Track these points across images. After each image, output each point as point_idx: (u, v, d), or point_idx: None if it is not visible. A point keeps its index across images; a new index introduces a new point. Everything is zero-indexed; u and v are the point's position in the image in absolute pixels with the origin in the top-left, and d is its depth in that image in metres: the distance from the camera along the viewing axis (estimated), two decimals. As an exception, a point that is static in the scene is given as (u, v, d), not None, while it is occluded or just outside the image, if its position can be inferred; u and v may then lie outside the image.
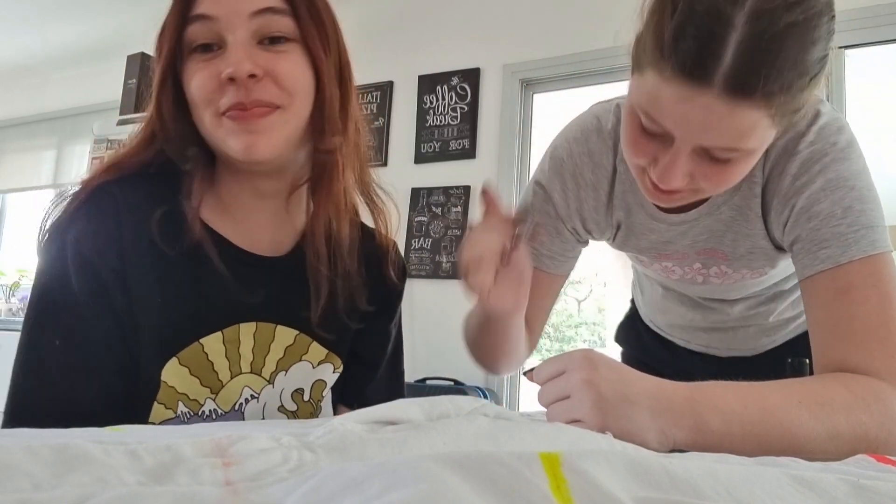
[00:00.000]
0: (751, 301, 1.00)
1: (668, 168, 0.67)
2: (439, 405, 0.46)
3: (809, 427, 0.60)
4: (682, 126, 0.63)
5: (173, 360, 0.70)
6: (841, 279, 0.70)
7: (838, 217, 0.71)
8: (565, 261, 0.96)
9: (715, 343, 1.09)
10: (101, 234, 0.67)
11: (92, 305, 0.66)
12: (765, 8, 0.57)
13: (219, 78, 0.67)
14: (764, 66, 0.58)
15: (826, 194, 0.71)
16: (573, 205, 0.91)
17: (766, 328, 1.04)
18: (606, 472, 0.29)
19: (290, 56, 0.70)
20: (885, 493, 0.34)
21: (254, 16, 0.68)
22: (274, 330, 0.77)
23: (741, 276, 0.88)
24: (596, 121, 0.88)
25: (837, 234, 0.70)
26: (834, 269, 0.70)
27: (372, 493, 0.25)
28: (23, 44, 4.26)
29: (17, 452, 0.29)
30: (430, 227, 3.18)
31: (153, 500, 0.27)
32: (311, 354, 0.80)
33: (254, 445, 0.35)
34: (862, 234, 0.70)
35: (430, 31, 3.37)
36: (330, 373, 0.82)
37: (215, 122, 0.68)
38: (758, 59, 0.58)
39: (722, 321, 1.05)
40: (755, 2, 0.57)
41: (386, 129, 3.38)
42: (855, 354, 0.68)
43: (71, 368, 0.65)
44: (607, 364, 0.60)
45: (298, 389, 0.79)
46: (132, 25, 3.75)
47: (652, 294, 1.13)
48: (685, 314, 1.08)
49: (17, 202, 4.88)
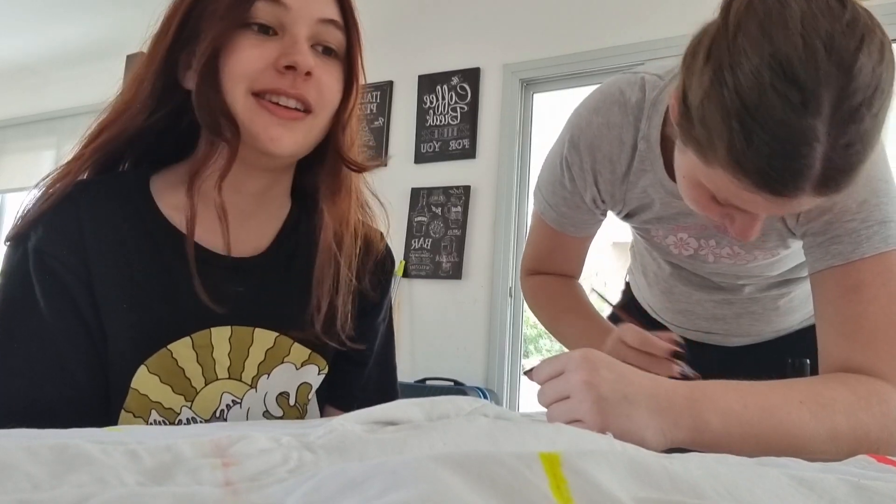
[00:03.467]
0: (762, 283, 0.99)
1: (746, 229, 0.67)
2: (439, 405, 0.46)
3: (810, 427, 0.60)
4: (767, 212, 0.64)
5: (142, 368, 0.69)
6: (851, 276, 0.69)
7: (853, 212, 0.69)
8: (589, 227, 1.01)
9: (716, 329, 1.07)
10: (63, 240, 0.67)
11: (56, 310, 0.66)
12: (845, 111, 0.56)
13: (269, 59, 0.67)
14: (854, 166, 0.58)
15: None
16: (589, 178, 0.90)
17: (770, 315, 1.03)
18: (606, 473, 0.29)
19: (332, 69, 0.72)
20: (886, 494, 0.34)
21: (320, 22, 0.70)
22: (252, 333, 0.75)
23: (753, 257, 0.88)
24: (619, 93, 0.86)
25: (850, 231, 0.69)
26: (845, 265, 0.69)
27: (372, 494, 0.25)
28: (23, 44, 4.27)
29: (17, 452, 0.29)
30: (430, 227, 3.18)
31: (152, 501, 0.27)
32: (293, 356, 0.78)
33: (254, 446, 0.35)
34: (875, 231, 0.69)
35: (430, 31, 3.37)
36: (315, 375, 0.81)
37: (245, 99, 0.68)
38: (847, 161, 0.57)
39: (728, 301, 1.03)
40: (834, 107, 0.56)
41: (386, 129, 3.38)
42: (860, 354, 0.67)
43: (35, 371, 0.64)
44: (607, 364, 0.60)
45: (283, 393, 0.78)
46: (132, 25, 3.74)
47: (657, 274, 1.11)
48: (691, 294, 1.06)
49: (16, 202, 4.88)
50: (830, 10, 0.58)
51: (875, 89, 0.56)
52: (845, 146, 0.57)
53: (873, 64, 0.56)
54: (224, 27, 0.67)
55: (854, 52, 0.56)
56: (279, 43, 0.68)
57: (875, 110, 0.57)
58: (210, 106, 0.68)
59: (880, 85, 0.57)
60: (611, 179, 0.89)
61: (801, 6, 0.59)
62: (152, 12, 0.73)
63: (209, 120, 0.69)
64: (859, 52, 0.56)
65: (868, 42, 0.57)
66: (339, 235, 0.79)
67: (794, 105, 0.56)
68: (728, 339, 1.08)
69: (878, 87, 0.57)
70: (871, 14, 0.59)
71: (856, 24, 0.57)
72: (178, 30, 0.70)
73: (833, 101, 0.56)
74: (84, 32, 4.11)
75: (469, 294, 3.01)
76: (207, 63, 0.67)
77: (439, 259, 3.15)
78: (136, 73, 0.73)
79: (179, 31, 0.70)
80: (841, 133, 0.56)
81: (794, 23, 0.58)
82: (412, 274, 3.19)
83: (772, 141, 0.57)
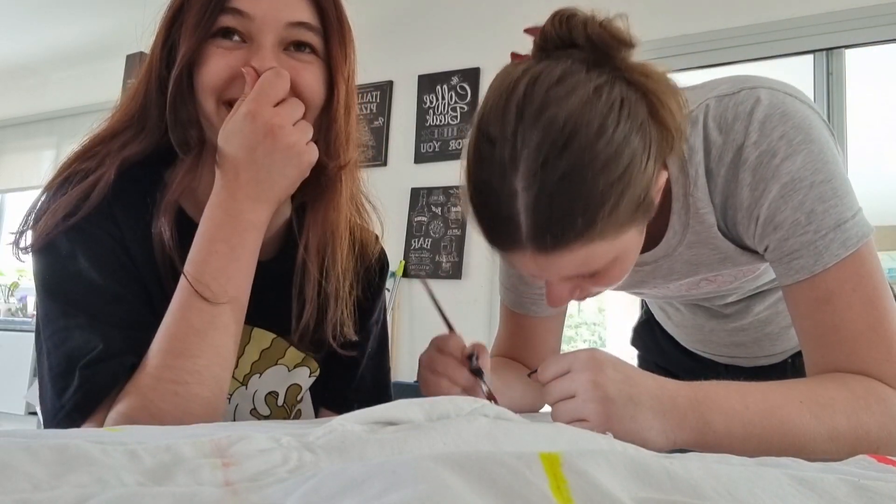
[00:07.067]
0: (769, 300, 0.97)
1: (549, 295, 0.69)
2: (439, 405, 0.46)
3: (811, 427, 0.60)
4: (536, 275, 0.66)
5: None
6: (819, 288, 0.67)
7: (803, 225, 0.67)
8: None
9: (739, 353, 1.05)
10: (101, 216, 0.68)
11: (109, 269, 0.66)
12: (536, 164, 0.58)
13: (235, 69, 0.67)
14: (557, 220, 0.59)
15: (785, 201, 0.67)
16: None
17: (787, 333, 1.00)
18: (606, 473, 0.29)
19: (311, 68, 0.71)
20: (886, 494, 0.34)
21: (288, 26, 0.69)
22: (250, 332, 0.76)
23: (733, 276, 0.86)
24: None
25: (806, 243, 0.67)
26: (811, 279, 0.67)
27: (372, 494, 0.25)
28: (22, 44, 4.26)
29: (17, 452, 0.29)
30: (430, 227, 3.18)
31: (152, 501, 0.27)
32: (287, 358, 0.79)
33: (253, 446, 0.35)
34: (831, 238, 0.66)
35: (430, 31, 3.37)
36: (306, 377, 0.81)
37: (218, 110, 0.68)
38: (548, 216, 0.59)
39: (741, 329, 1.00)
40: (527, 162, 0.58)
41: (386, 128, 3.38)
42: (846, 362, 0.66)
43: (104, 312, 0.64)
44: (613, 364, 0.60)
45: (273, 393, 0.78)
46: (132, 25, 3.74)
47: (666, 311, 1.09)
48: (702, 326, 1.03)
49: (16, 202, 4.88)
50: (546, 71, 0.61)
51: (574, 129, 0.58)
52: (543, 200, 0.58)
53: (571, 107, 0.58)
54: (194, 42, 0.68)
55: (543, 102, 0.59)
56: (246, 51, 0.68)
57: (570, 162, 0.58)
58: (179, 120, 0.70)
59: (581, 121, 0.58)
60: None
61: (521, 71, 0.64)
62: (152, 12, 0.73)
63: (177, 134, 0.70)
64: (548, 101, 0.59)
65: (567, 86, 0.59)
66: (324, 242, 0.76)
67: (493, 163, 0.60)
68: (755, 361, 1.07)
69: (578, 125, 0.58)
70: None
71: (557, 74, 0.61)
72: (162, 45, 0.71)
73: (527, 153, 0.58)
74: (84, 32, 4.10)
75: (469, 294, 3.01)
76: (179, 78, 0.69)
77: (439, 259, 3.15)
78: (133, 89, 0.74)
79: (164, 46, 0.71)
80: (534, 187, 0.58)
81: (498, 82, 0.64)
82: (412, 274, 3.19)
83: (481, 202, 0.63)
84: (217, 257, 0.64)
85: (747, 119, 0.68)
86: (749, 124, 0.68)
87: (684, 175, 0.73)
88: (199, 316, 0.61)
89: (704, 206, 0.73)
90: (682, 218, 0.75)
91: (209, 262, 0.63)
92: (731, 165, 0.70)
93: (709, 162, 0.71)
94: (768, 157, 0.67)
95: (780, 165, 0.67)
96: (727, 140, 0.70)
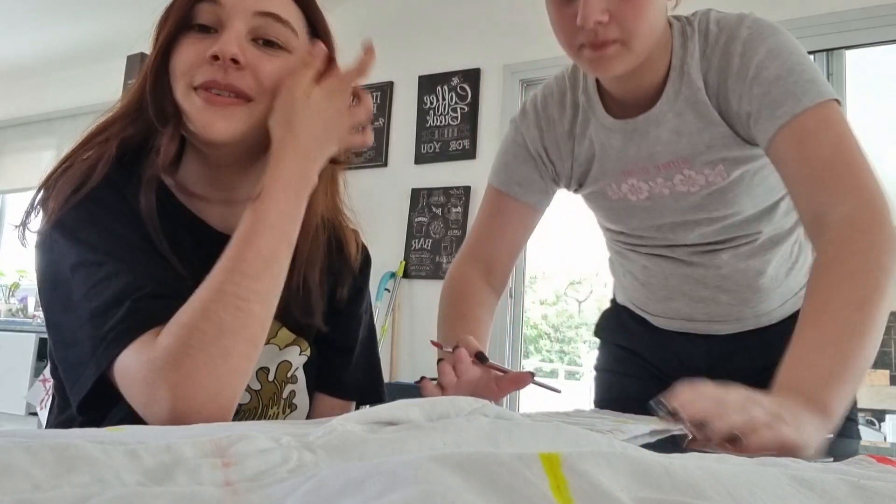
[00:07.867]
0: (740, 249, 1.01)
1: (585, 6, 0.80)
2: (439, 405, 0.46)
3: (870, 334, 0.67)
4: None
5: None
6: (798, 129, 0.79)
7: (784, 78, 0.81)
8: (533, 192, 1.06)
9: (697, 314, 1.08)
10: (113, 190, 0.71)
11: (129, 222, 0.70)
12: None
13: (202, 54, 0.70)
14: None
15: (771, 60, 0.82)
16: (536, 133, 1.04)
17: (746, 293, 1.04)
18: (607, 473, 0.29)
19: (277, 61, 0.73)
20: (886, 494, 0.34)
21: (257, 15, 0.72)
22: None
23: (704, 178, 0.94)
24: (561, 73, 1.07)
25: (788, 93, 0.80)
26: (791, 121, 0.79)
27: (372, 494, 0.25)
28: (23, 44, 4.27)
29: (17, 453, 0.29)
30: (431, 227, 3.19)
31: (153, 501, 0.27)
32: (279, 338, 0.82)
33: (254, 446, 0.35)
34: (808, 87, 0.80)
35: (430, 31, 3.38)
36: (296, 355, 0.83)
37: (186, 94, 0.71)
38: None
39: (703, 279, 1.04)
40: None
41: (386, 129, 3.39)
42: (823, 196, 0.76)
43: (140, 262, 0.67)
44: (740, 392, 0.61)
45: (263, 368, 0.81)
46: (132, 25, 3.74)
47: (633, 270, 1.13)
48: (667, 278, 1.07)
49: (16, 203, 4.89)
50: None
51: None
52: None
53: None
54: (170, 31, 0.72)
55: None
56: (215, 38, 0.71)
57: None
58: (156, 104, 0.74)
59: None
60: (556, 138, 1.03)
61: None
62: (152, 13, 0.75)
63: (156, 115, 0.74)
64: None
65: None
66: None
67: None
68: (711, 326, 1.09)
69: None
70: None
71: None
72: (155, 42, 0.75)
73: None
74: (84, 32, 4.11)
75: (469, 294, 3.01)
76: (155, 64, 0.73)
77: (439, 259, 3.15)
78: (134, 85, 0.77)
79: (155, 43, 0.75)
80: None
81: None
82: (412, 274, 3.19)
83: None
84: (286, 200, 0.68)
85: (741, 19, 0.87)
86: (742, 21, 0.87)
87: (684, 50, 0.90)
88: (266, 244, 0.65)
89: (696, 75, 0.89)
90: (675, 85, 0.91)
91: (279, 200, 0.67)
92: (725, 45, 0.86)
93: (705, 46, 0.89)
94: (757, 34, 0.85)
95: (768, 36, 0.84)
96: (722, 29, 0.88)
